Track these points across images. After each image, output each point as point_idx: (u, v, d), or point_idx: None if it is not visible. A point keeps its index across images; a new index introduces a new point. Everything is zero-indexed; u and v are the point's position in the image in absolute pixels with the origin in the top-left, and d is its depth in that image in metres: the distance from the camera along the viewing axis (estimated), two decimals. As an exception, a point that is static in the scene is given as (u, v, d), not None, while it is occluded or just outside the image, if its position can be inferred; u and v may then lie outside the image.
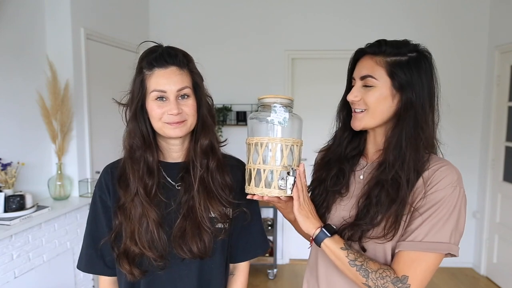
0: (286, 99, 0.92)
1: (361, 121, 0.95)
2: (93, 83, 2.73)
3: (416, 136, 0.90)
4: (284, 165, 0.90)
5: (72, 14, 2.50)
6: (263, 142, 0.90)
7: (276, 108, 0.90)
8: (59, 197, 2.44)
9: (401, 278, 0.85)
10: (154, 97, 0.95)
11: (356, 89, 0.95)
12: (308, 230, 0.94)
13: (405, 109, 0.91)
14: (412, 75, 0.90)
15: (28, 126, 2.34)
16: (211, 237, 0.97)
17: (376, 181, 0.93)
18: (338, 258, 0.90)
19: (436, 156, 0.95)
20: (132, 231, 0.95)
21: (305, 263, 1.08)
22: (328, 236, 0.92)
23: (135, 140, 0.98)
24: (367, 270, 0.87)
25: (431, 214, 0.86)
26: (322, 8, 3.57)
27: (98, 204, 1.03)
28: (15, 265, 1.97)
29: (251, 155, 0.94)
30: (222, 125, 3.53)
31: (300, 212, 0.93)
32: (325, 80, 3.63)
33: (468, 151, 3.61)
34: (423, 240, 0.85)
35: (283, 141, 0.89)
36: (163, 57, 0.95)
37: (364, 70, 0.94)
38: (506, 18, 3.26)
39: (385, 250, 0.92)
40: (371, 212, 0.90)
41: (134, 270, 0.96)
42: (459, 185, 0.88)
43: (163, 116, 0.95)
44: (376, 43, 0.95)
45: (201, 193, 0.98)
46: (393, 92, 0.92)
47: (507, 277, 3.22)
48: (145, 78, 0.95)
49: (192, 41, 3.56)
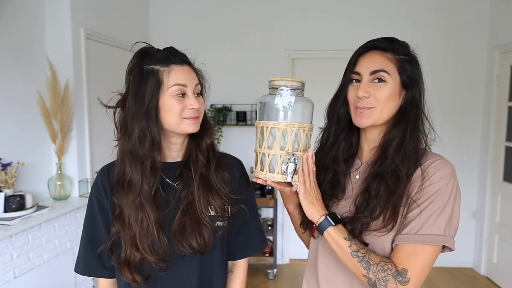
0: (296, 82, 0.91)
1: (370, 118, 0.94)
2: (93, 83, 2.73)
3: (419, 132, 0.94)
4: (288, 150, 0.89)
5: (72, 14, 2.50)
6: (268, 126, 0.90)
7: (282, 92, 0.88)
8: (59, 197, 2.44)
9: (401, 272, 0.86)
10: (174, 92, 0.94)
11: (365, 84, 0.94)
12: (312, 216, 0.93)
13: (410, 106, 0.94)
14: (415, 73, 0.95)
15: (28, 126, 2.34)
16: (210, 232, 0.98)
17: (375, 174, 0.93)
18: (340, 247, 0.90)
19: (430, 152, 0.97)
20: (133, 236, 0.94)
21: (305, 263, 1.08)
22: (332, 224, 0.91)
23: (146, 138, 0.94)
24: (368, 262, 0.87)
25: (426, 207, 0.87)
26: (322, 8, 3.57)
27: (95, 206, 1.02)
28: (15, 265, 1.97)
29: (257, 139, 0.94)
30: (222, 125, 3.53)
31: (306, 197, 0.92)
32: (325, 80, 3.61)
33: (468, 151, 3.61)
34: (418, 233, 0.86)
35: (288, 126, 0.88)
36: (177, 55, 0.97)
37: (374, 64, 0.93)
38: (506, 18, 3.26)
39: (384, 244, 0.93)
40: (371, 205, 0.91)
41: (136, 277, 0.96)
42: (453, 178, 0.89)
43: (183, 111, 0.95)
44: (386, 39, 0.96)
45: (201, 188, 0.99)
46: (400, 89, 0.94)
47: (507, 277, 3.22)
48: (161, 73, 0.94)
49: (192, 41, 3.56)
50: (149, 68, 0.94)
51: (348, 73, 0.99)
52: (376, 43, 0.96)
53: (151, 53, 0.97)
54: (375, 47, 0.96)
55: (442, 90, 3.49)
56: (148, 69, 0.94)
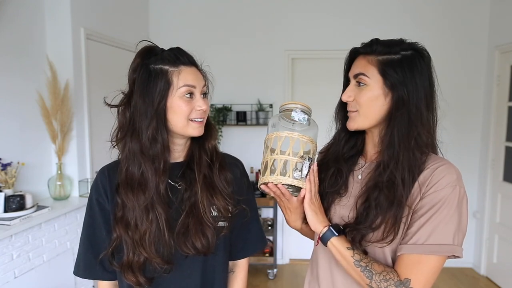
0: (306, 107, 0.96)
1: (355, 122, 0.95)
2: (93, 83, 2.73)
3: (410, 135, 0.89)
4: (300, 155, 0.91)
5: (72, 14, 2.50)
6: (282, 136, 0.92)
7: (297, 109, 0.95)
8: (59, 197, 2.44)
9: (404, 281, 0.85)
10: (183, 93, 0.93)
11: (349, 89, 0.95)
12: (315, 227, 0.94)
13: (396, 108, 0.89)
14: (404, 74, 0.89)
15: (28, 126, 2.34)
16: (214, 233, 0.98)
17: (374, 183, 0.92)
18: (344, 257, 0.90)
19: (435, 156, 0.94)
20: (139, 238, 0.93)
21: (305, 263, 1.08)
22: (336, 235, 0.92)
23: (158, 140, 0.93)
24: (371, 272, 0.87)
25: (431, 215, 0.85)
26: (322, 8, 3.57)
27: (95, 207, 1.01)
28: (15, 265, 1.97)
29: (268, 149, 0.94)
30: (222, 125, 3.53)
31: (310, 206, 0.93)
32: (325, 80, 3.63)
33: (468, 151, 3.61)
34: (425, 243, 0.84)
35: (301, 137, 0.92)
36: (185, 56, 0.97)
37: (356, 69, 0.94)
38: (506, 18, 3.26)
39: (385, 254, 0.92)
40: (371, 216, 0.89)
41: (140, 278, 0.95)
42: (459, 184, 0.86)
43: (191, 113, 0.95)
44: (368, 42, 0.95)
45: (204, 189, 0.99)
46: (385, 91, 0.90)
47: (507, 277, 3.22)
48: (170, 74, 0.93)
49: (192, 41, 3.56)
50: (157, 68, 0.93)
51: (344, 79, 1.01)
52: (359, 47, 0.96)
53: (157, 53, 0.96)
54: (357, 52, 0.96)
55: (442, 90, 3.47)
56: (156, 68, 0.93)
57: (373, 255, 0.93)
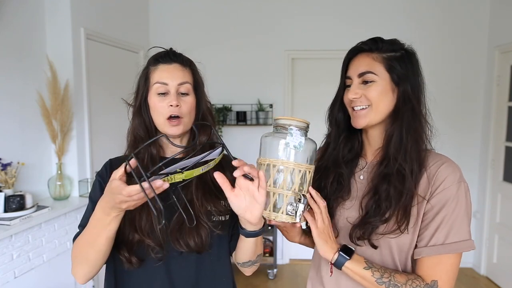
0: (302, 123, 0.89)
1: (366, 118, 0.94)
2: (93, 83, 2.73)
3: (416, 127, 0.92)
4: (295, 190, 0.87)
5: (72, 14, 2.50)
6: (276, 165, 0.86)
7: (292, 131, 0.87)
8: (59, 197, 2.44)
9: (431, 284, 0.86)
10: (156, 90, 0.97)
11: (355, 86, 0.95)
12: (325, 255, 0.92)
13: (403, 102, 0.92)
14: (407, 69, 0.93)
15: (28, 126, 2.34)
16: (208, 232, 0.98)
17: (383, 176, 0.93)
18: (364, 278, 0.89)
19: (434, 152, 0.96)
20: (132, 219, 0.94)
21: (305, 263, 1.07)
22: (347, 258, 0.90)
23: (139, 132, 1.00)
24: (396, 285, 0.87)
25: (445, 215, 0.87)
26: (322, 8, 3.58)
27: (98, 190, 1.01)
28: (15, 265, 1.97)
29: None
30: (222, 125, 3.53)
31: (320, 236, 0.90)
32: (325, 80, 3.62)
33: (468, 151, 3.61)
34: (445, 243, 0.86)
35: (297, 166, 0.86)
36: (168, 55, 1.01)
37: (361, 67, 0.94)
38: (506, 18, 3.26)
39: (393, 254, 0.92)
40: (382, 207, 0.90)
41: (132, 258, 0.96)
42: (462, 179, 0.90)
43: (164, 111, 0.96)
44: (371, 40, 0.96)
45: (200, 188, 0.99)
46: (392, 86, 0.93)
47: (507, 277, 3.22)
48: (149, 72, 1.00)
49: (192, 41, 3.56)
50: (145, 68, 1.02)
51: (342, 79, 1.01)
52: (361, 45, 0.97)
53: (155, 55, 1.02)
54: (361, 49, 0.96)
55: (442, 90, 3.48)
56: (145, 68, 1.02)
57: (381, 259, 0.93)
